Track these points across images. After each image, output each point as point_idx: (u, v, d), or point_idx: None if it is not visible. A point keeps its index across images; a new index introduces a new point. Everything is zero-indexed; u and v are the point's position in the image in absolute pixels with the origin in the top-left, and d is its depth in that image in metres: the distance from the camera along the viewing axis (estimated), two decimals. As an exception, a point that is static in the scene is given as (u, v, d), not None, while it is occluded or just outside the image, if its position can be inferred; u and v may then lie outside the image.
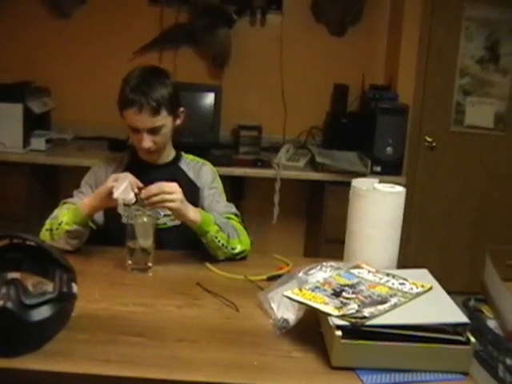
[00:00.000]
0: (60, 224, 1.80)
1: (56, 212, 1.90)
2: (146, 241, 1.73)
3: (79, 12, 3.58)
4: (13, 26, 3.58)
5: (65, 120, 3.55)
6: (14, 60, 3.58)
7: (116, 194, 1.69)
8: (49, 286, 1.33)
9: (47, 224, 1.86)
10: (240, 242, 1.88)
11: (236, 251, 1.87)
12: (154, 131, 1.90)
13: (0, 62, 3.58)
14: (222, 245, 1.82)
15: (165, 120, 1.91)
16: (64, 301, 1.34)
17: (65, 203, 1.95)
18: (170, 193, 1.71)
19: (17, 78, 3.35)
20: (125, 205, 1.73)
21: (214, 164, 2.18)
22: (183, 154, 2.13)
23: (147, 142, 1.90)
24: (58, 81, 3.56)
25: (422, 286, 1.45)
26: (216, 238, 1.80)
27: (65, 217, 1.81)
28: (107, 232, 1.96)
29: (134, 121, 1.87)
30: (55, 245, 1.79)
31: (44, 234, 1.85)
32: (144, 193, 1.71)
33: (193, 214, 1.78)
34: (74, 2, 3.55)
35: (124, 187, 1.71)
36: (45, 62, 3.60)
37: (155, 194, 1.70)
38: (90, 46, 3.61)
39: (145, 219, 1.73)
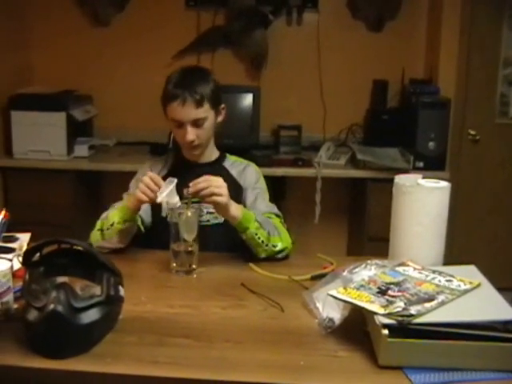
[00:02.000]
0: (112, 225, 1.86)
1: (106, 213, 1.95)
2: (190, 235, 1.75)
3: (117, 20, 3.64)
4: (54, 37, 3.66)
5: (107, 126, 3.61)
6: (56, 70, 3.66)
7: (160, 198, 1.73)
8: (96, 290, 1.35)
9: (98, 224, 1.93)
10: (281, 240, 1.89)
11: (277, 249, 1.88)
12: (197, 124, 1.95)
13: (43, 72, 3.67)
14: (262, 242, 1.83)
15: (207, 113, 1.96)
16: (112, 303, 1.36)
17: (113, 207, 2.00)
18: (217, 187, 1.74)
19: (59, 88, 3.42)
20: (169, 208, 1.75)
21: (255, 164, 2.19)
22: (227, 155, 2.17)
23: (191, 134, 1.95)
24: (100, 88, 3.62)
25: (470, 283, 1.43)
26: (256, 234, 1.82)
27: (115, 217, 1.86)
28: (154, 233, 2.00)
29: (177, 113, 1.93)
30: (106, 245, 1.88)
31: (95, 234, 1.91)
32: (192, 186, 1.74)
33: (234, 209, 1.81)
34: (112, 10, 3.61)
35: (169, 191, 1.74)
36: (86, 70, 3.67)
37: (204, 188, 1.73)
38: (128, 53, 3.67)
39: (189, 214, 1.75)
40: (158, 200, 1.73)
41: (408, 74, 3.54)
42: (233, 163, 2.14)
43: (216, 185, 1.75)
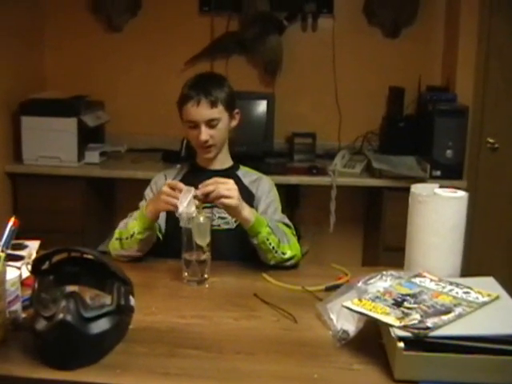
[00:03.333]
0: (132, 235, 1.88)
1: (124, 221, 1.97)
2: (203, 240, 1.75)
3: (130, 25, 3.66)
4: (66, 42, 3.68)
5: (118, 132, 3.62)
6: (68, 75, 3.69)
7: (181, 209, 1.73)
8: (107, 299, 1.36)
9: (116, 233, 1.95)
10: (290, 248, 1.90)
11: (286, 256, 1.89)
12: (211, 124, 2.00)
13: (54, 77, 3.70)
14: (273, 248, 1.85)
15: (221, 114, 2.02)
16: (122, 313, 1.36)
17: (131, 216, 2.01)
18: (226, 189, 1.76)
19: (71, 93, 3.44)
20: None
21: (269, 173, 2.22)
22: (241, 165, 2.20)
23: (204, 134, 2.00)
24: (111, 94, 3.64)
25: (489, 295, 1.41)
26: (267, 239, 1.83)
27: (135, 227, 1.88)
28: (169, 242, 2.01)
29: (192, 114, 1.99)
30: (125, 253, 1.91)
31: (113, 243, 1.94)
32: (200, 189, 1.76)
33: (247, 212, 1.82)
34: (125, 15, 3.63)
35: (188, 202, 1.73)
36: (98, 75, 3.69)
37: (212, 191, 1.75)
38: (141, 59, 3.68)
39: (201, 218, 1.75)
40: (180, 210, 1.73)
41: (425, 80, 3.53)
42: (246, 173, 2.17)
43: (225, 187, 1.77)
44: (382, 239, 3.21)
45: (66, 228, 3.13)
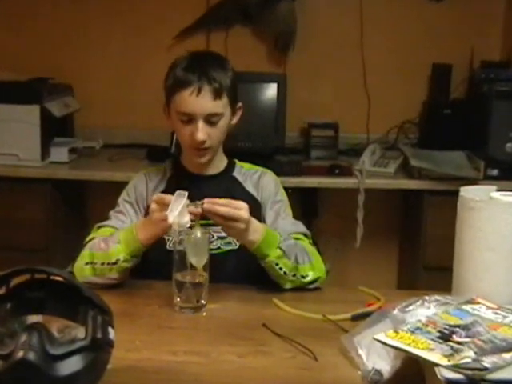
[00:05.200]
0: (115, 263, 1.86)
1: (97, 241, 1.94)
2: (199, 260, 1.76)
3: (105, -12, 3.69)
4: (22, 9, 3.69)
5: (92, 124, 3.64)
6: (28, 52, 3.69)
7: (171, 218, 1.73)
8: (79, 331, 1.36)
9: (86, 256, 1.92)
10: (312, 268, 1.91)
11: (307, 279, 1.90)
12: (211, 121, 1.97)
13: (11, 55, 3.70)
14: (285, 273, 1.86)
15: (225, 109, 1.99)
16: (98, 349, 1.36)
17: (100, 227, 2.00)
18: (235, 219, 1.75)
19: (30, 74, 3.43)
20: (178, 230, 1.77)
21: (280, 173, 2.22)
22: (237, 161, 2.19)
23: (202, 132, 1.95)
24: (82, 76, 3.66)
25: (561, 327, 1.41)
26: (277, 264, 1.84)
27: (121, 253, 1.86)
28: (147, 261, 1.99)
29: (189, 104, 1.94)
30: (97, 280, 1.88)
31: (83, 269, 1.90)
32: (207, 204, 1.74)
33: (252, 233, 1.82)
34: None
35: (180, 209, 1.74)
36: (65, 53, 3.70)
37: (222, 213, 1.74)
38: (119, 31, 3.69)
39: (198, 234, 1.76)
40: (170, 220, 1.73)
41: (478, 55, 3.53)
42: (245, 173, 2.16)
43: (235, 216, 1.75)
44: (422, 256, 3.22)
45: (27, 243, 3.15)
